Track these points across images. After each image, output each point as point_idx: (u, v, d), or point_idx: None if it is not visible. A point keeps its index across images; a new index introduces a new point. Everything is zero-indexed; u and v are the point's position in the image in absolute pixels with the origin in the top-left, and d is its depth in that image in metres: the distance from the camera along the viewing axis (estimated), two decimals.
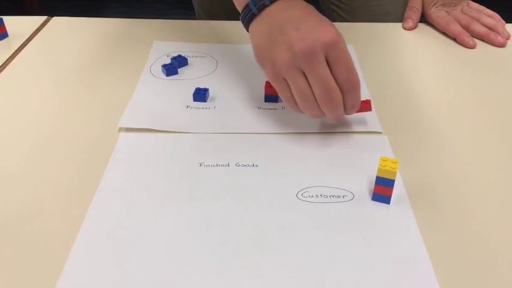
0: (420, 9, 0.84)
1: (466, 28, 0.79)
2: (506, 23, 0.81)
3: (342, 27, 0.50)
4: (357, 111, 0.56)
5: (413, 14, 0.83)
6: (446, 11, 0.82)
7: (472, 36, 0.78)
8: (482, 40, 0.78)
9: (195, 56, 0.73)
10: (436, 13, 0.82)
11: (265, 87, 0.62)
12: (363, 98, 0.54)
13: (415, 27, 0.83)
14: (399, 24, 0.83)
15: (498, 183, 0.51)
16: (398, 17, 0.87)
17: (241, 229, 0.45)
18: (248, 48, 0.75)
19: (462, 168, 0.53)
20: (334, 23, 0.52)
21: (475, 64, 0.73)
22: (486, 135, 0.58)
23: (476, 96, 0.65)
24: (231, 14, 1.04)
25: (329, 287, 0.40)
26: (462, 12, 0.82)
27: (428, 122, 0.60)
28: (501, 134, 0.58)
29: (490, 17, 0.81)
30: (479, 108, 0.63)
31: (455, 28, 0.79)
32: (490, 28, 0.79)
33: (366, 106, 0.57)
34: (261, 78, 0.65)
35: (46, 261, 0.42)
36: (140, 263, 0.42)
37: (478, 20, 0.80)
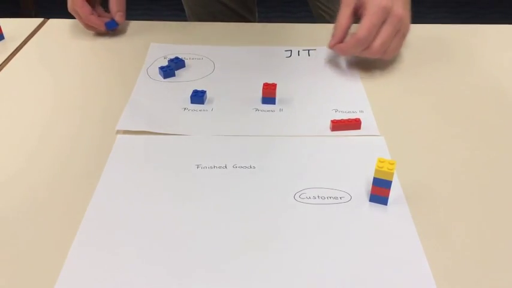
0: None
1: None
2: (506, 23, 0.80)
3: None
4: (346, 129, 0.57)
5: None
6: None
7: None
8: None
9: (193, 58, 0.73)
10: None
11: (263, 89, 0.63)
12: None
13: None
14: None
15: (495, 184, 0.51)
16: None
17: (239, 231, 0.45)
18: (245, 50, 0.76)
19: (459, 169, 0.53)
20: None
21: (472, 65, 0.73)
22: (483, 136, 0.58)
23: (474, 97, 0.65)
24: (215, 14, 1.05)
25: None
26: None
27: (425, 123, 0.60)
28: (498, 134, 0.58)
29: None
30: (476, 109, 0.63)
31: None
32: None
33: (356, 124, 0.58)
34: (259, 80, 0.65)
35: (44, 262, 0.42)
36: (138, 264, 0.42)
37: None
